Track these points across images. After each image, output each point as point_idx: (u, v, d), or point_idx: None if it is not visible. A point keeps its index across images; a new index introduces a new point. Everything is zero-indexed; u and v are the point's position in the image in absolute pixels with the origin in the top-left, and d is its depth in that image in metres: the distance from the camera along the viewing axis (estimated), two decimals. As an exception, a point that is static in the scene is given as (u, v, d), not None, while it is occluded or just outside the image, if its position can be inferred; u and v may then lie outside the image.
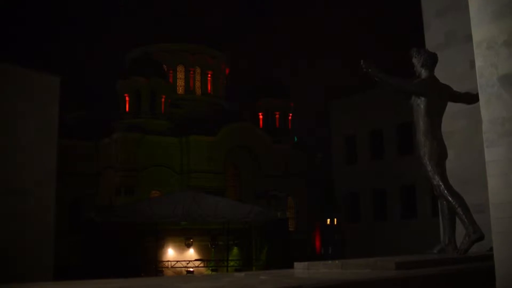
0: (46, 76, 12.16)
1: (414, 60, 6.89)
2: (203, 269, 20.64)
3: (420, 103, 6.57)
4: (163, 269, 19.42)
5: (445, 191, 6.28)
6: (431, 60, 6.82)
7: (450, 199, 6.24)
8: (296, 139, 40.91)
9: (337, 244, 34.80)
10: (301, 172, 38.60)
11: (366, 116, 26.91)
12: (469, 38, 11.11)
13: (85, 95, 40.18)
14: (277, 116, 40.59)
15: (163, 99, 35.91)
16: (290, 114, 41.35)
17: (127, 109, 35.55)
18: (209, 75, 41.40)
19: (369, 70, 6.18)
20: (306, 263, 4.85)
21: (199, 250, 21.49)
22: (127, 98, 35.61)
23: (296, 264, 4.94)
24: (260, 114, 40.60)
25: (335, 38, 78.88)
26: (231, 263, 20.50)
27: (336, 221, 48.35)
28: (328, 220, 56.79)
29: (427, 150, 6.46)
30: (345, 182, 28.12)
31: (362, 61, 6.14)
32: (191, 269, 20.02)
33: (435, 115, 6.63)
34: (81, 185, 33.59)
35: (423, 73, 6.80)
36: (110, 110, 39.30)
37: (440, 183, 6.32)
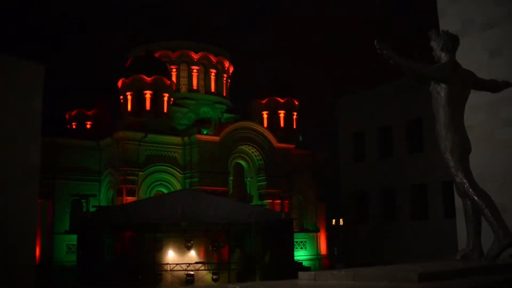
0: (29, 64, 11.33)
1: (433, 44, 6.17)
2: (203, 272, 19.89)
3: (440, 91, 5.85)
4: (162, 272, 18.70)
5: (470, 189, 5.55)
6: (452, 43, 6.10)
7: (476, 198, 5.50)
8: (301, 138, 40.20)
9: (343, 246, 34.04)
10: (306, 171, 37.94)
11: (375, 113, 25.79)
12: (487, 26, 10.39)
13: (86, 93, 39.87)
14: (281, 115, 39.88)
15: (165, 98, 35.33)
16: (295, 113, 40.64)
17: (129, 107, 34.99)
18: (212, 74, 40.79)
19: (384, 51, 5.47)
20: (312, 272, 4.13)
21: (200, 252, 20.76)
22: (129, 97, 35.05)
23: (300, 273, 4.22)
24: (264, 113, 39.93)
25: (339, 37, 78.13)
26: (233, 266, 19.75)
27: (342, 222, 47.60)
28: (334, 220, 56.10)
29: (449, 143, 5.72)
30: (352, 181, 27.06)
31: (376, 41, 5.42)
32: (192, 272, 19.29)
33: (457, 104, 5.90)
34: (82, 185, 33.17)
35: (443, 57, 6.08)
36: (112, 109, 38.89)
37: (464, 181, 5.59)
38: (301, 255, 34.92)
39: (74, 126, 39.55)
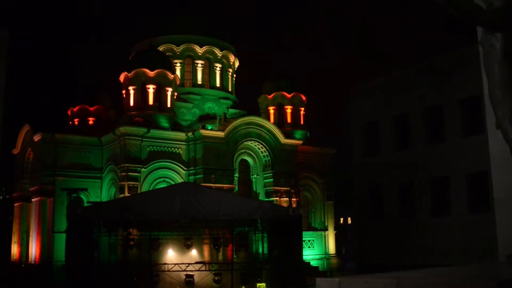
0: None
1: (483, -15, 4.87)
2: (205, 273, 18.60)
3: (495, 43, 4.54)
4: (159, 272, 17.43)
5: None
6: (508, -16, 4.78)
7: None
8: (308, 134, 38.95)
9: (354, 245, 32.68)
10: (314, 168, 36.84)
11: (389, 100, 23.65)
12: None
13: (88, 88, 39.12)
14: (288, 110, 38.63)
15: (169, 93, 34.34)
16: (302, 108, 39.38)
17: (131, 102, 34.02)
18: (217, 68, 39.71)
19: (427, -17, 4.19)
20: (336, 279, 2.86)
21: (201, 251, 19.51)
22: (131, 91, 34.03)
23: (319, 280, 2.94)
24: (271, 108, 38.76)
25: (343, 34, 76.92)
26: (236, 267, 18.45)
27: (351, 220, 46.18)
28: (341, 219, 54.73)
29: (508, 109, 4.41)
30: (365, 176, 25.09)
31: None
32: (192, 273, 18.02)
33: (516, 60, 4.59)
34: (84, 182, 32.30)
35: (496, 2, 4.77)
36: (114, 105, 38.01)
37: (530, 157, 4.28)
38: (308, 254, 33.91)
39: (76, 123, 38.63)
